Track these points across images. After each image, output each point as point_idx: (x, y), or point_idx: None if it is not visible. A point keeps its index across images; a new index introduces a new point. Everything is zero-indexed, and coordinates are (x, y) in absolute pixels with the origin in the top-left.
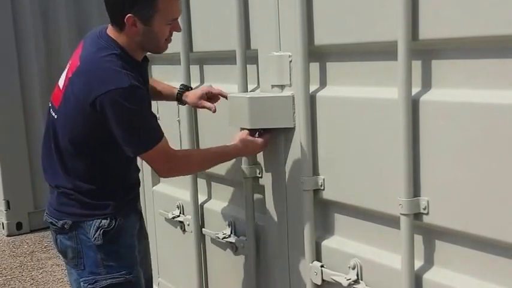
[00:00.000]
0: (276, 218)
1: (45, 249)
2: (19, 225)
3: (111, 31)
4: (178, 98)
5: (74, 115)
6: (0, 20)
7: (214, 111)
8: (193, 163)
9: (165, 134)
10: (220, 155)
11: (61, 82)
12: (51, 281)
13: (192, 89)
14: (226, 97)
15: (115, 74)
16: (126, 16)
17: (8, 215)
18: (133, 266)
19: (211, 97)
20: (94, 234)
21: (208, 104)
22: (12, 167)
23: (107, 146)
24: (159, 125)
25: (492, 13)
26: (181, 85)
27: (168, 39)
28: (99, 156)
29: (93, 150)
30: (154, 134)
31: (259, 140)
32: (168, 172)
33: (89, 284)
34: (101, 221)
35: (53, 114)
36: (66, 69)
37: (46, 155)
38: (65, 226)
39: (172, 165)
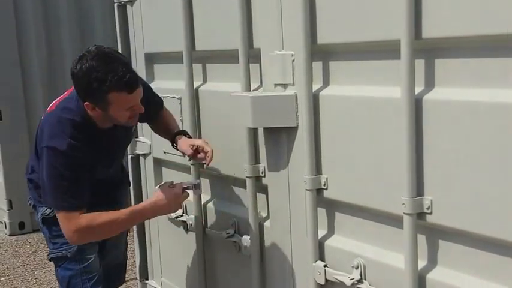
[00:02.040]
0: (279, 218)
1: (47, 248)
2: (21, 225)
3: None
4: (173, 141)
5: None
6: (3, 18)
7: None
8: (97, 234)
9: None
10: (131, 219)
11: (51, 104)
12: (54, 280)
13: (188, 135)
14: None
15: (60, 136)
16: (85, 103)
17: (11, 214)
18: (72, 246)
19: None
20: (39, 218)
21: (200, 155)
22: (15, 166)
23: None
24: (71, 194)
25: (495, 12)
26: (179, 131)
27: (133, 118)
28: None
29: None
30: (62, 202)
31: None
32: (69, 240)
33: (47, 254)
34: (45, 209)
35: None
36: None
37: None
38: (30, 205)
39: (70, 236)
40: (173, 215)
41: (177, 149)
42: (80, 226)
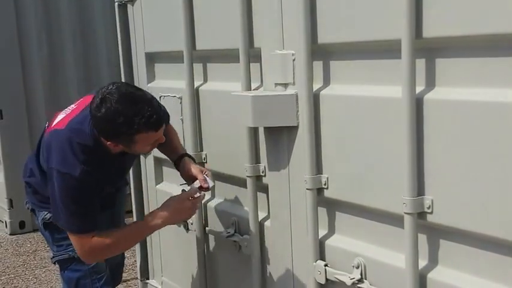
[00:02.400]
0: (279, 217)
1: (48, 248)
2: (22, 224)
3: None
4: (176, 163)
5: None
6: (3, 17)
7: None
8: (109, 251)
9: None
10: (140, 232)
11: (57, 119)
12: (54, 279)
13: (192, 158)
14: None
15: (72, 162)
16: (108, 142)
17: (11, 213)
18: None
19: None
20: (40, 222)
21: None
22: (15, 165)
23: None
24: (83, 219)
25: (496, 11)
26: (183, 155)
27: (152, 148)
28: None
29: None
30: (74, 225)
31: (185, 205)
32: (83, 260)
33: (51, 258)
34: (46, 213)
35: (45, 133)
36: (71, 108)
37: (32, 155)
38: (29, 208)
39: (84, 256)
40: None
41: (178, 169)
42: (93, 247)
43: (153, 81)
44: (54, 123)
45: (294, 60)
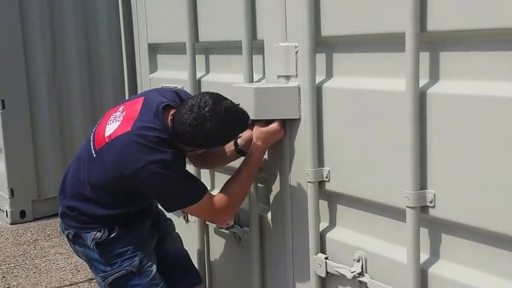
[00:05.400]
0: (280, 210)
1: (48, 237)
2: (23, 214)
3: (168, 114)
4: (238, 150)
5: (110, 172)
6: (6, 7)
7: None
8: (234, 200)
9: None
10: (250, 171)
11: (110, 128)
12: (54, 269)
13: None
14: None
15: (157, 150)
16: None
17: (12, 203)
18: (133, 258)
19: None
20: (90, 244)
21: None
22: (17, 155)
23: (133, 198)
24: (198, 182)
25: (501, 5)
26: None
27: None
28: (120, 201)
29: (117, 197)
30: (197, 192)
31: (273, 127)
32: (217, 222)
33: (102, 280)
34: (95, 233)
35: (93, 151)
36: (119, 115)
37: (72, 178)
38: (69, 236)
39: (216, 215)
40: None
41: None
42: (223, 200)
43: (155, 71)
44: (109, 132)
45: (296, 52)
